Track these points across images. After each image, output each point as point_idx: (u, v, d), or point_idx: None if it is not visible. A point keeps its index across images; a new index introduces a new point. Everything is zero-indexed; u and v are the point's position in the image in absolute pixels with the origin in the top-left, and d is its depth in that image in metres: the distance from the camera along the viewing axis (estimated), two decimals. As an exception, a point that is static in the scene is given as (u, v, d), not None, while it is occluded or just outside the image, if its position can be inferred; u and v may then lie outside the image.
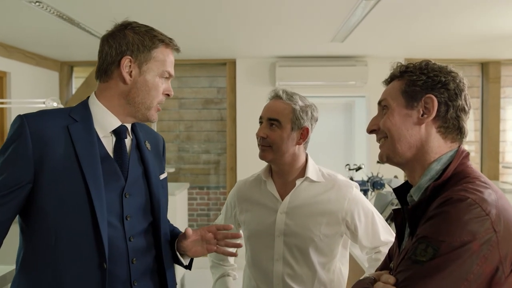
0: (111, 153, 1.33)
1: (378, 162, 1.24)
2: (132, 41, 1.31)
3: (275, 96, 1.70)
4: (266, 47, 4.62)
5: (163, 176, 1.47)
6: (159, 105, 1.36)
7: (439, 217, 0.95)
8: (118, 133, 1.35)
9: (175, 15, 3.33)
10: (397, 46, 4.47)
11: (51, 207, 1.23)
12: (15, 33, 3.87)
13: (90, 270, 1.23)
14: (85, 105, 1.35)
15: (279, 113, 1.65)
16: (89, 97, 1.37)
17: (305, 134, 1.67)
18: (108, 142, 1.34)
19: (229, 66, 5.26)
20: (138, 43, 1.31)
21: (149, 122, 1.41)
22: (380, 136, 1.15)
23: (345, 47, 4.42)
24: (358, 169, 3.75)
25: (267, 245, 1.68)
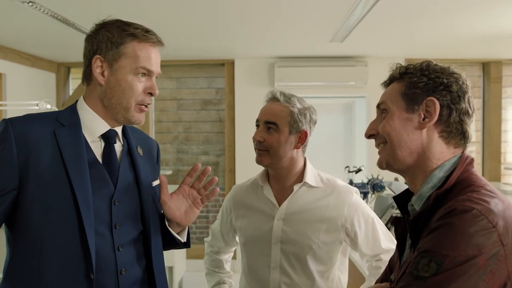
0: (99, 158, 1.28)
1: None
2: (102, 39, 1.25)
3: (272, 98, 1.64)
4: (265, 47, 4.58)
5: (156, 182, 1.42)
6: (143, 105, 1.29)
7: (442, 229, 0.89)
8: (107, 137, 1.30)
9: (172, 15, 3.29)
10: (397, 46, 4.44)
11: (36, 214, 1.18)
12: (10, 34, 3.83)
13: (76, 280, 1.18)
14: (73, 109, 1.31)
15: (277, 116, 1.59)
16: (77, 100, 1.33)
17: (303, 138, 1.61)
18: (97, 147, 1.29)
19: (228, 66, 5.21)
20: (107, 40, 1.25)
21: (134, 124, 1.33)
22: (379, 141, 1.10)
23: (345, 47, 4.38)
24: (358, 171, 3.71)
25: (263, 253, 1.63)
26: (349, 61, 4.95)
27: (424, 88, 1.04)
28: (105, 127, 1.29)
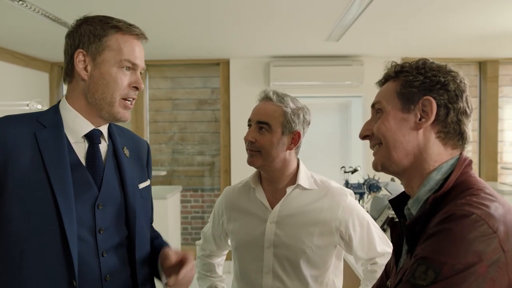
0: (83, 160, 1.22)
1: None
2: (83, 32, 1.21)
3: (265, 98, 1.60)
4: (260, 47, 4.54)
5: (143, 185, 1.37)
6: (127, 100, 1.24)
7: (440, 235, 0.85)
8: (91, 137, 1.25)
9: (166, 14, 3.24)
10: (393, 45, 4.40)
11: (15, 219, 1.13)
12: (3, 33, 3.78)
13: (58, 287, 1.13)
14: (55, 109, 1.25)
15: (269, 115, 1.54)
16: (60, 101, 1.28)
17: (296, 139, 1.56)
18: (80, 148, 1.23)
19: (223, 66, 5.17)
20: (89, 33, 1.20)
21: (120, 121, 1.28)
22: (374, 142, 1.05)
23: (341, 46, 4.35)
24: (354, 171, 3.67)
25: (255, 257, 1.58)
26: (345, 60, 4.92)
27: (420, 87, 1.00)
28: (88, 126, 1.24)
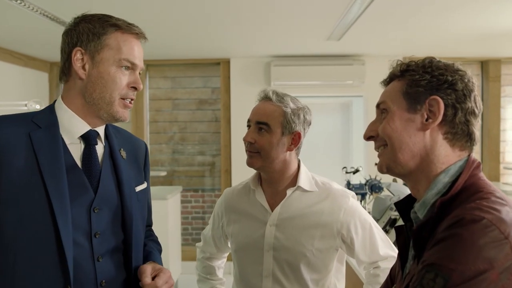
0: (78, 162, 1.19)
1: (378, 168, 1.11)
2: (82, 30, 1.18)
3: (265, 98, 1.56)
4: (260, 46, 4.51)
5: (140, 187, 1.33)
6: (126, 100, 1.21)
7: (449, 241, 0.81)
8: (87, 138, 1.21)
9: (166, 14, 3.22)
10: (395, 44, 4.37)
11: (9, 222, 1.09)
12: (1, 33, 3.75)
13: None
14: (51, 109, 1.22)
15: (269, 116, 1.51)
16: (55, 100, 1.24)
17: (296, 139, 1.53)
18: (76, 149, 1.20)
19: (223, 66, 5.14)
20: (88, 31, 1.18)
21: (119, 121, 1.25)
22: (379, 143, 1.01)
23: (342, 45, 4.31)
24: (356, 171, 3.64)
25: (255, 260, 1.55)
26: (346, 59, 4.88)
27: (427, 86, 0.96)
28: (84, 127, 1.21)
